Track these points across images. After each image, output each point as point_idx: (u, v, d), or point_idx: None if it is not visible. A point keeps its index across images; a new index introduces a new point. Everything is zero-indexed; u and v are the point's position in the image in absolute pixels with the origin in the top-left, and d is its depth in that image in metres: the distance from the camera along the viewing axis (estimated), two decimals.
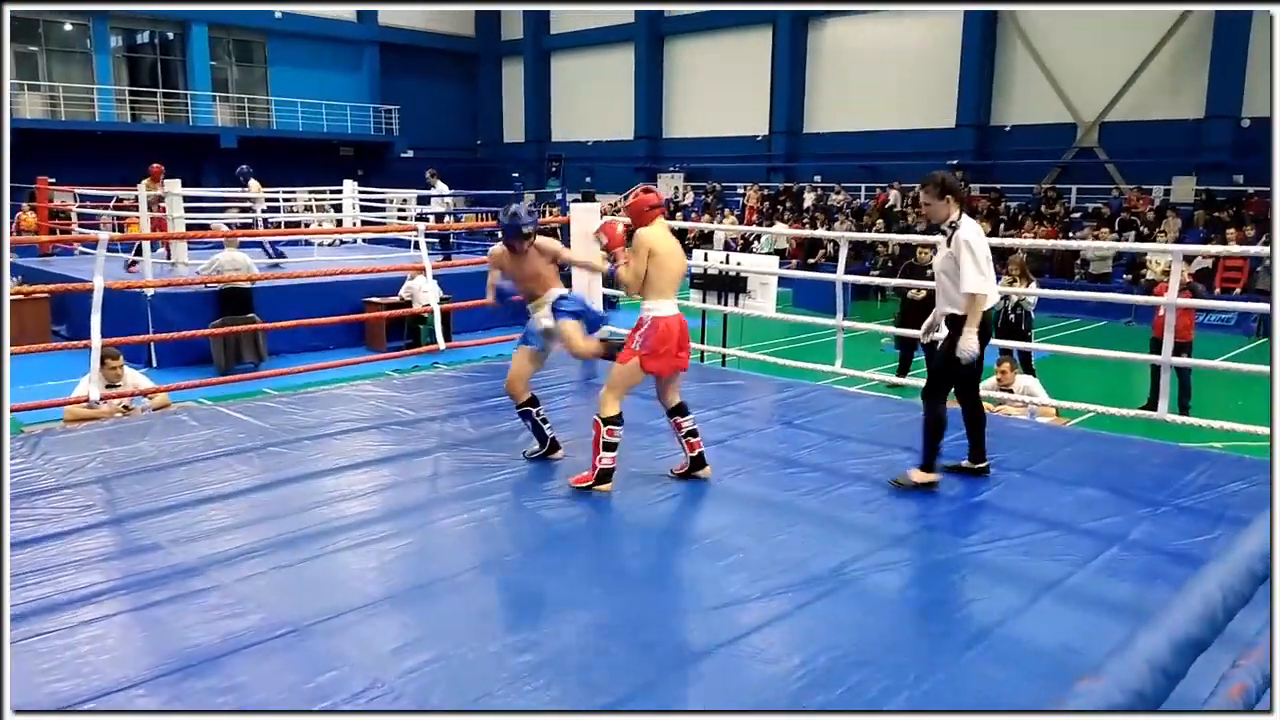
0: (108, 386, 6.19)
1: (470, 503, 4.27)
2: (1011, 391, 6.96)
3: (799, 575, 3.46)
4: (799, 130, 26.28)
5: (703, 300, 8.35)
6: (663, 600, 3.41)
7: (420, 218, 15.75)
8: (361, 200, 18.03)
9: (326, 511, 4.15)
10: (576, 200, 8.25)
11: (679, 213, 24.65)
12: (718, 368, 8.04)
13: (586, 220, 7.73)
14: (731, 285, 8.26)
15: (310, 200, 19.04)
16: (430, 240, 11.64)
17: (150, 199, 13.04)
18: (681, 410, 4.53)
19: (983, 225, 4.44)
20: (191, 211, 14.69)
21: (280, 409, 5.92)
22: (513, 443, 5.09)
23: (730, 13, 26.68)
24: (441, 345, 7.52)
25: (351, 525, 3.98)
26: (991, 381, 7.05)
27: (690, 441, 4.54)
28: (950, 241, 4.21)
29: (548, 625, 3.19)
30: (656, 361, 4.33)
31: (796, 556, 3.64)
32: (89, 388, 5.80)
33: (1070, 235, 18.02)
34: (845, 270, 6.98)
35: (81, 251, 14.40)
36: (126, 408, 6.48)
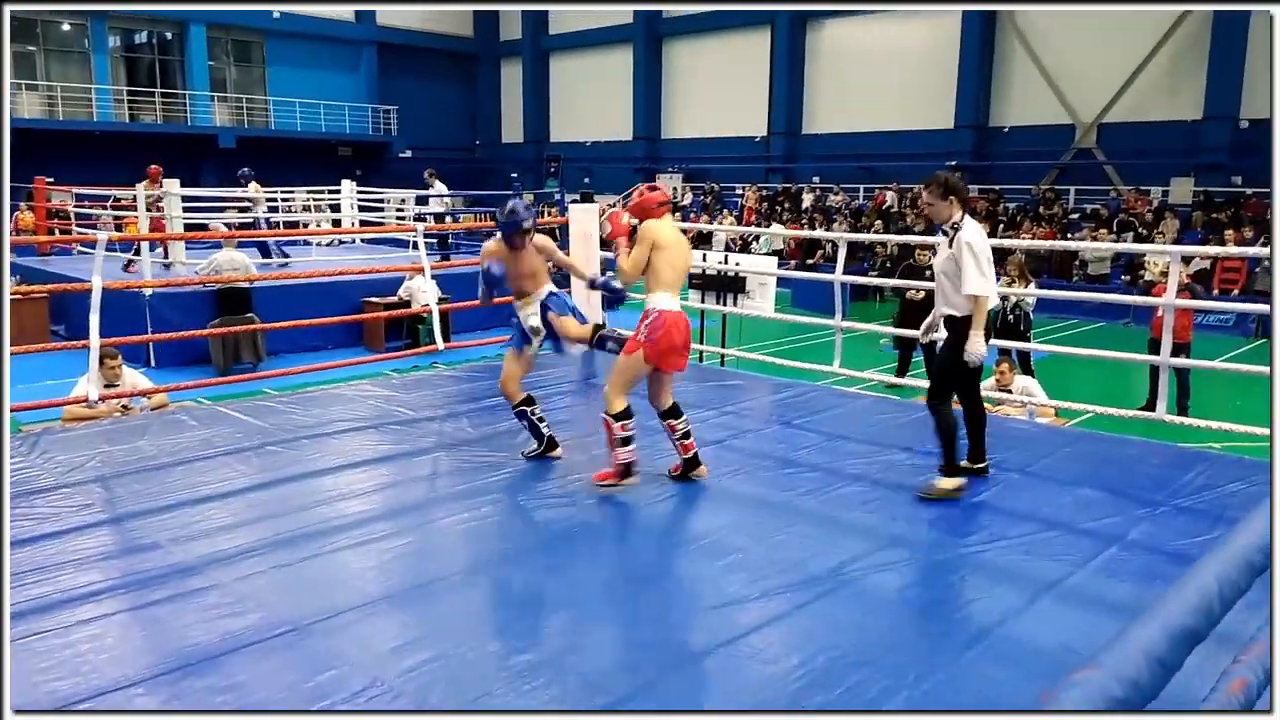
0: (106, 386, 6.18)
1: (469, 502, 4.26)
2: (1010, 392, 6.96)
3: (798, 575, 3.46)
4: (797, 131, 26.31)
5: (702, 300, 8.35)
6: (661, 600, 3.40)
7: (419, 218, 15.76)
8: (360, 200, 18.02)
9: (325, 511, 4.14)
10: (575, 201, 8.24)
11: (678, 213, 24.65)
12: (716, 368, 8.04)
13: (585, 221, 7.72)
14: (730, 285, 8.27)
15: (309, 200, 19.04)
16: (429, 240, 11.64)
17: (149, 199, 13.04)
18: (674, 413, 4.49)
19: (981, 226, 4.42)
20: (189, 211, 14.69)
21: (279, 409, 5.92)
22: (511, 442, 5.09)
23: (729, 13, 26.70)
24: (440, 345, 7.52)
25: (350, 524, 3.97)
26: (990, 382, 7.05)
27: (684, 444, 4.51)
28: (952, 243, 4.19)
29: (547, 625, 3.19)
30: (659, 354, 4.27)
31: (795, 556, 3.64)
32: (87, 388, 5.80)
33: (1069, 236, 18.03)
34: (844, 271, 6.98)
35: (80, 251, 14.39)
36: (125, 407, 6.48)
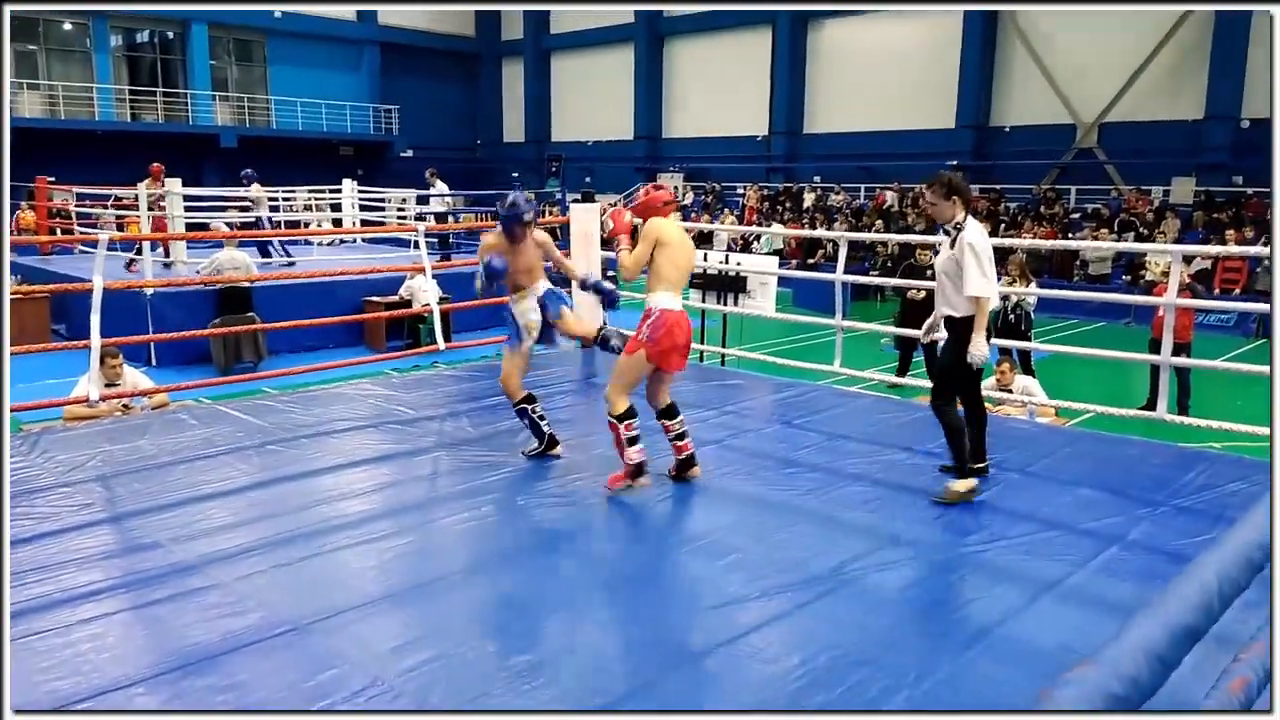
0: (107, 385, 6.18)
1: (470, 501, 4.27)
2: (1011, 391, 6.96)
3: (798, 575, 3.46)
4: (798, 131, 26.29)
5: (702, 300, 8.35)
6: (661, 600, 3.40)
7: (419, 217, 15.77)
8: (361, 200, 18.03)
9: (326, 510, 4.14)
10: (576, 200, 8.25)
11: (678, 213, 24.61)
12: (717, 367, 8.03)
13: (586, 220, 7.72)
14: (731, 285, 8.27)
15: (310, 200, 19.04)
16: (430, 240, 11.64)
17: (151, 198, 13.04)
18: (670, 413, 4.48)
19: (983, 226, 4.40)
20: (191, 211, 14.70)
21: (279, 408, 5.92)
22: (512, 442, 5.09)
23: (730, 13, 26.68)
24: (441, 345, 7.51)
25: (351, 524, 3.97)
26: (991, 381, 7.05)
27: (678, 444, 4.49)
28: (954, 243, 4.16)
29: (546, 624, 3.19)
30: (661, 353, 4.25)
31: (795, 556, 3.64)
32: (88, 387, 5.79)
33: (1069, 236, 18.03)
34: (844, 270, 6.98)
35: (81, 251, 14.39)
36: (126, 406, 6.48)
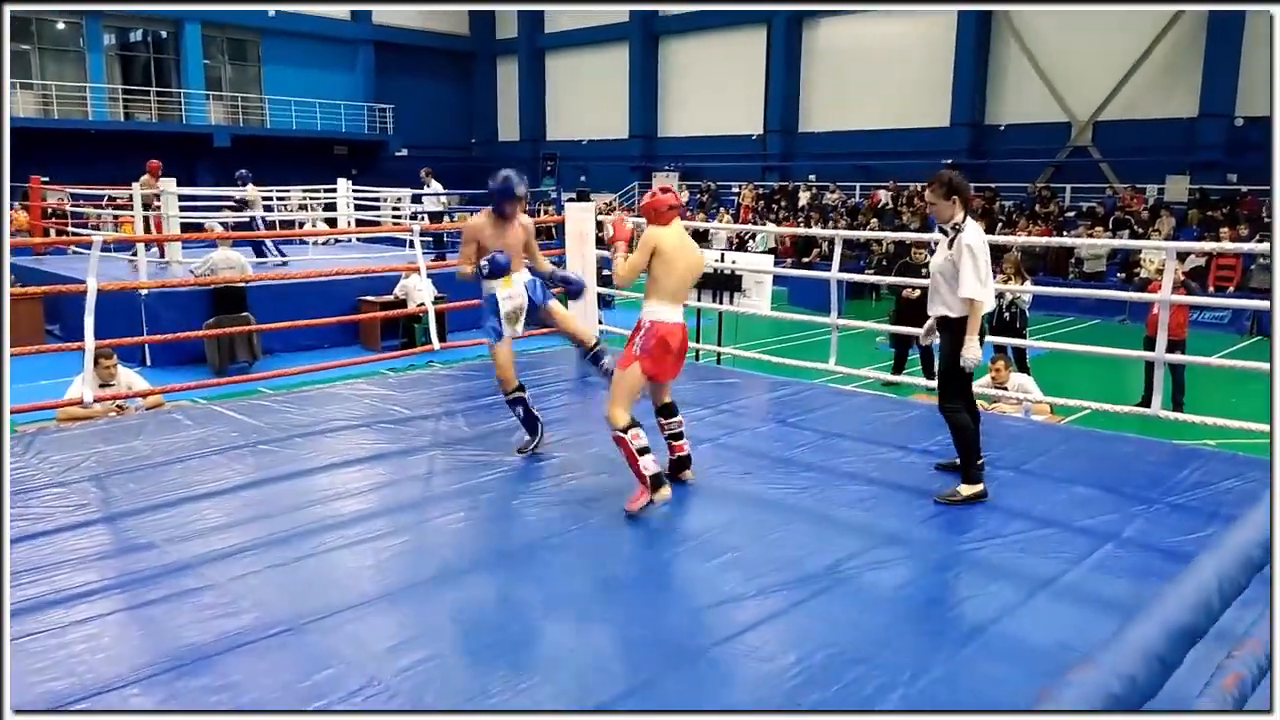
0: (101, 386, 6.16)
1: (465, 500, 4.27)
2: (1006, 389, 6.98)
3: (794, 573, 3.46)
4: (794, 129, 26.30)
5: (698, 299, 8.34)
6: (657, 599, 3.40)
7: (414, 216, 15.75)
8: (356, 199, 18.00)
9: (321, 510, 4.14)
10: (571, 199, 8.24)
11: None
12: (712, 366, 8.04)
13: (581, 219, 7.73)
14: (726, 283, 8.27)
15: (304, 199, 19.01)
16: (425, 239, 11.63)
17: (147, 197, 13.00)
18: (669, 411, 4.46)
19: (979, 224, 4.38)
20: (185, 211, 14.67)
21: (274, 408, 5.91)
22: (507, 441, 5.09)
23: (724, 12, 26.67)
24: (436, 344, 7.50)
25: (346, 523, 3.97)
26: (986, 379, 7.07)
27: (673, 444, 4.47)
28: (952, 244, 4.11)
29: (542, 623, 3.19)
30: (655, 366, 4.21)
31: (791, 554, 3.64)
32: (82, 388, 5.77)
33: (1064, 234, 18.06)
34: (839, 269, 6.98)
35: (75, 251, 14.35)
36: (120, 407, 6.46)
